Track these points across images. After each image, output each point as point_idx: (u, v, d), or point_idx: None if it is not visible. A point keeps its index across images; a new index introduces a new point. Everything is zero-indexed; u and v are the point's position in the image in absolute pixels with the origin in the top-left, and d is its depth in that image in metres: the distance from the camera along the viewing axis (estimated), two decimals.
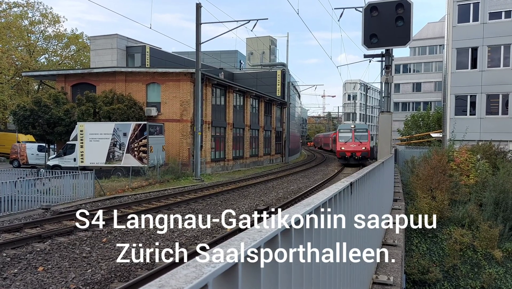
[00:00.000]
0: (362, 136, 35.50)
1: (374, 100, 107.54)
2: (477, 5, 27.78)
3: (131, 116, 26.72)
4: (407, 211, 15.64)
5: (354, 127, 36.53)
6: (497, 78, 27.31)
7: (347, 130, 36.70)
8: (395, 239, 7.15)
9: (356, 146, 35.05)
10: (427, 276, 14.39)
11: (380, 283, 4.91)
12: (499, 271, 14.58)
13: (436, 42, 64.44)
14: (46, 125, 26.72)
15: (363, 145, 34.99)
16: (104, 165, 24.10)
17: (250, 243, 1.15)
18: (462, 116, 28.26)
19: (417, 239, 16.13)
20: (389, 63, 14.44)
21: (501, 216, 15.92)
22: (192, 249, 9.67)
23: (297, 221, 1.65)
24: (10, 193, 14.34)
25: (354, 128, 36.34)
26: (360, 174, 3.87)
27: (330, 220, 2.36)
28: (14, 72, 43.29)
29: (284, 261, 1.51)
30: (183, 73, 28.16)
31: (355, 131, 35.82)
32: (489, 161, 19.91)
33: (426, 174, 17.84)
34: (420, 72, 66.68)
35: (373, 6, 12.93)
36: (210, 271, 0.88)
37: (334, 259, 2.53)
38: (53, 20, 49.58)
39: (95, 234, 11.05)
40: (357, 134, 35.59)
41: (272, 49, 63.11)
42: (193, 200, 16.78)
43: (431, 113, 45.61)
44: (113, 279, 7.73)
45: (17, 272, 7.93)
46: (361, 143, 34.97)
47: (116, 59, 37.01)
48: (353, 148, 35.07)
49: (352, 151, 34.96)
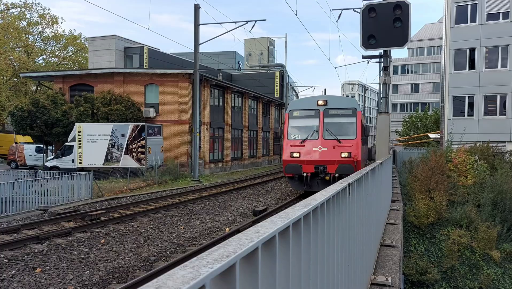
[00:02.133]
0: (344, 127, 16.28)
1: (372, 101, 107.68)
2: (475, 6, 27.87)
3: (129, 117, 26.68)
4: (405, 211, 15.66)
5: (326, 104, 16.56)
6: (495, 79, 27.39)
7: (307, 112, 16.82)
8: (393, 240, 7.15)
9: (329, 150, 15.83)
10: (425, 276, 14.41)
11: (378, 284, 4.91)
12: (497, 271, 14.60)
13: (434, 43, 64.60)
14: (44, 126, 26.66)
15: (345, 146, 15.73)
16: (102, 166, 24.06)
17: (247, 243, 1.15)
18: (460, 117, 28.31)
19: (415, 239, 16.15)
20: (387, 64, 14.47)
21: (499, 216, 15.96)
22: (190, 250, 9.66)
23: (295, 221, 1.65)
24: (8, 194, 14.30)
25: (324, 105, 16.51)
26: (359, 175, 3.87)
27: (328, 220, 2.37)
28: (12, 73, 43.19)
29: (282, 262, 1.51)
30: (181, 74, 28.15)
31: (326, 115, 16.37)
32: (487, 162, 19.97)
33: (424, 175, 17.87)
34: (418, 73, 66.84)
35: (371, 7, 12.96)
36: (208, 272, 0.88)
37: (332, 260, 2.53)
38: (51, 21, 49.50)
39: (93, 235, 11.03)
40: (330, 121, 16.31)
41: (271, 50, 63.15)
42: (192, 201, 16.75)
43: (429, 114, 45.76)
44: (111, 280, 7.71)
45: (15, 274, 7.91)
46: (339, 144, 15.77)
47: (114, 60, 36.96)
48: (320, 154, 15.87)
49: (319, 162, 15.76)
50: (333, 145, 15.61)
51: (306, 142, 15.98)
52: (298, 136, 16.27)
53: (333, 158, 15.36)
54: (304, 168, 15.69)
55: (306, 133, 16.23)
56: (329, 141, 15.73)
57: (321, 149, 15.69)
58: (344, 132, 15.95)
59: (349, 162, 15.23)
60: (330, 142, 15.71)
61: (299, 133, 16.35)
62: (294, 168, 15.80)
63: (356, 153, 15.32)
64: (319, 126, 16.09)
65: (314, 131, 16.12)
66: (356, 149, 15.41)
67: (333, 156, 15.40)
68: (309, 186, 15.81)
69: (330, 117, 16.21)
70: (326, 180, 15.21)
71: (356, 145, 15.50)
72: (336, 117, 16.21)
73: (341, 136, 15.80)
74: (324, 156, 15.53)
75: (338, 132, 15.95)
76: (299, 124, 16.55)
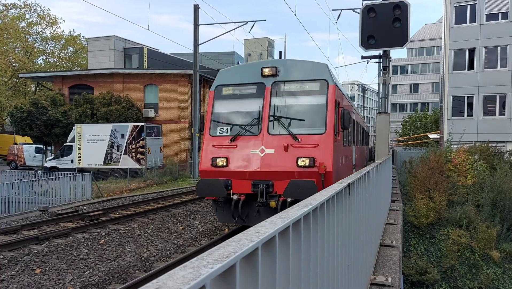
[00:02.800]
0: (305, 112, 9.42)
1: (371, 102, 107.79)
2: (474, 7, 27.90)
3: (129, 118, 26.69)
4: (405, 212, 15.67)
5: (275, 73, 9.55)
6: (494, 79, 27.42)
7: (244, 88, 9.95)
8: (393, 240, 7.16)
9: (277, 154, 9.00)
10: (425, 277, 14.41)
11: (378, 284, 4.91)
12: (496, 271, 14.61)
13: (433, 43, 64.68)
14: (44, 127, 26.66)
15: (306, 147, 8.94)
16: (102, 166, 24.05)
17: (247, 244, 1.15)
18: (460, 117, 28.34)
19: (415, 239, 16.16)
20: (387, 65, 14.47)
21: (499, 216, 15.96)
22: (190, 250, 9.66)
23: (295, 222, 1.65)
24: (8, 194, 14.29)
25: (273, 76, 9.57)
26: (358, 175, 3.87)
27: (328, 221, 2.37)
28: (11, 74, 43.20)
29: (282, 262, 1.51)
30: (181, 75, 28.16)
31: (276, 93, 9.55)
32: (487, 162, 19.97)
33: (423, 175, 17.88)
34: (417, 73, 66.91)
35: (370, 7, 12.97)
36: (208, 272, 0.88)
37: (332, 260, 2.53)
38: (50, 21, 49.54)
39: (92, 236, 11.02)
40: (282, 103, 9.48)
41: (270, 51, 63.21)
42: (191, 201, 16.75)
43: (428, 114, 45.78)
44: (110, 281, 7.71)
45: (14, 274, 7.90)
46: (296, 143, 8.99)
47: (113, 61, 36.96)
48: (263, 162, 9.02)
49: (260, 176, 8.99)
50: (284, 145, 8.88)
51: (240, 141, 9.31)
52: (227, 131, 9.60)
53: (284, 167, 8.79)
54: (235, 185, 9.07)
55: (241, 124, 9.61)
56: (279, 139, 9.05)
57: (265, 152, 8.98)
58: (306, 123, 9.23)
59: (310, 175, 8.55)
60: (280, 140, 9.03)
61: (228, 126, 9.69)
62: (215, 185, 8.93)
63: (325, 159, 8.64)
64: (263, 112, 9.33)
65: (254, 120, 9.39)
66: (325, 152, 8.74)
67: (284, 163, 8.81)
68: (242, 218, 9.18)
69: (283, 96, 9.41)
70: (271, 208, 8.69)
71: (326, 143, 8.82)
72: (293, 97, 9.41)
73: (301, 129, 9.12)
74: (270, 163, 8.87)
75: (296, 122, 9.24)
76: (230, 110, 9.87)
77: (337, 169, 9.31)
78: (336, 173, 9.05)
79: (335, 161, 9.01)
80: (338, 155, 9.60)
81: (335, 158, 9.03)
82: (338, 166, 9.57)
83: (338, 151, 9.59)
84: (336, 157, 9.18)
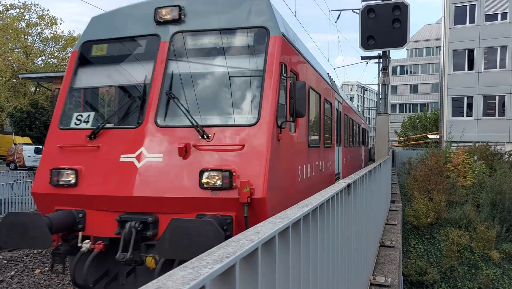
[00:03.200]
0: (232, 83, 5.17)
1: (371, 102, 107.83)
2: (474, 7, 27.93)
3: None
4: (404, 212, 15.68)
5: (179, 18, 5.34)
6: (494, 80, 27.44)
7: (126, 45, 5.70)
8: (393, 240, 7.16)
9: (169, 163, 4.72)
10: (424, 277, 14.42)
11: (377, 284, 4.91)
12: (496, 272, 14.62)
13: (432, 44, 64.74)
14: (43, 127, 26.66)
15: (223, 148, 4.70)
16: None
17: (247, 244, 1.15)
18: (459, 118, 28.37)
19: (414, 240, 16.16)
20: (386, 65, 14.48)
21: (498, 217, 15.97)
22: None
23: (295, 222, 1.65)
24: (7, 195, 14.28)
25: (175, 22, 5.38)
26: (358, 175, 3.87)
27: (327, 221, 2.37)
28: (11, 74, 43.19)
29: (282, 262, 1.51)
30: None
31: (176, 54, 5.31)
32: (486, 162, 19.99)
33: (423, 175, 17.89)
34: (417, 73, 66.96)
35: (370, 8, 12.97)
36: (208, 273, 0.88)
37: (331, 260, 2.53)
38: (50, 22, 49.52)
39: None
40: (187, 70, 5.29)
41: None
42: None
43: (428, 115, 45.79)
44: None
45: (14, 275, 7.89)
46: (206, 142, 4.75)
47: None
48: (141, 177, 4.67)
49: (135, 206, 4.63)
50: (181, 146, 4.70)
51: (105, 138, 5.18)
52: (88, 120, 5.57)
53: (177, 188, 4.64)
54: (91, 221, 4.93)
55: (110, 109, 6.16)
56: (174, 135, 4.94)
57: (145, 159, 4.83)
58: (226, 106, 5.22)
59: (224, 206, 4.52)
60: (176, 136, 4.91)
61: (91, 113, 5.75)
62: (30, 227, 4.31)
63: (252, 173, 4.54)
64: (151, 86, 5.25)
65: (133, 102, 5.39)
66: (254, 159, 4.64)
67: (179, 181, 4.66)
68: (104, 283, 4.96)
69: (188, 58, 5.42)
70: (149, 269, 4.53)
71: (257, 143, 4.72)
72: (206, 58, 5.44)
73: (215, 118, 5.15)
74: (152, 181, 4.69)
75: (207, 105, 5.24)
76: (97, 83, 6.12)
77: (281, 189, 5.13)
78: (278, 198, 4.89)
79: (275, 177, 4.82)
80: (285, 164, 5.36)
81: (275, 170, 4.85)
82: (283, 184, 5.25)
83: (285, 157, 5.36)
84: (279, 169, 5.01)
